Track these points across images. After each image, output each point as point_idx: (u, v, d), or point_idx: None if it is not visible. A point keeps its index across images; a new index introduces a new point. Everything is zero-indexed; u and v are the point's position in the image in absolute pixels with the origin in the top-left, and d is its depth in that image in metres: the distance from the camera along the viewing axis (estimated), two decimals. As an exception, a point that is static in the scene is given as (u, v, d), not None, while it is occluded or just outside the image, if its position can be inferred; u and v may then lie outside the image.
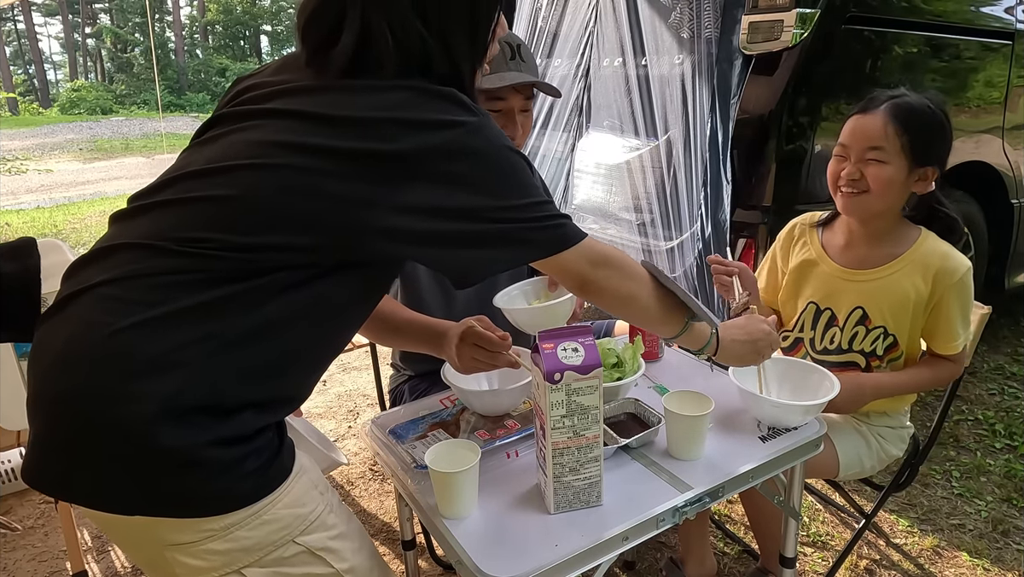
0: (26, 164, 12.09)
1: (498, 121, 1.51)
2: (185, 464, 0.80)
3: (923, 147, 1.40)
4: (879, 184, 1.41)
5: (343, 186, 0.85)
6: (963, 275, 1.43)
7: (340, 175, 0.85)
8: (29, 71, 35.38)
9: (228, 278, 0.84)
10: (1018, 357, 3.09)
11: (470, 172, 0.88)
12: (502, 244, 0.91)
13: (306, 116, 0.87)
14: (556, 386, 0.98)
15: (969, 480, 2.25)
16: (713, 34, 2.42)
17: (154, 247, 0.85)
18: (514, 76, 1.46)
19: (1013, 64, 2.74)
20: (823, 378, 1.32)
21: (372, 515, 2.22)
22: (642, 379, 1.41)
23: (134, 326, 0.80)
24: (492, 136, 0.90)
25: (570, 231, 0.96)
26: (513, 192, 0.91)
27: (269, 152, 0.86)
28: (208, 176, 0.88)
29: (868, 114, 1.42)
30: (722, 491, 1.11)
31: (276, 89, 0.92)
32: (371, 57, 0.89)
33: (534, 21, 3.30)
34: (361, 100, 0.88)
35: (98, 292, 0.83)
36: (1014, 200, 2.88)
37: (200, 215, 0.86)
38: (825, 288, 1.55)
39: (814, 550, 1.96)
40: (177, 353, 0.80)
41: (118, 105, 24.99)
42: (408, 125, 0.86)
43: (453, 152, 0.87)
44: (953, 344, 1.48)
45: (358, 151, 0.85)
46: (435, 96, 0.88)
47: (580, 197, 3.10)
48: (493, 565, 0.93)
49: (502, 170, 0.90)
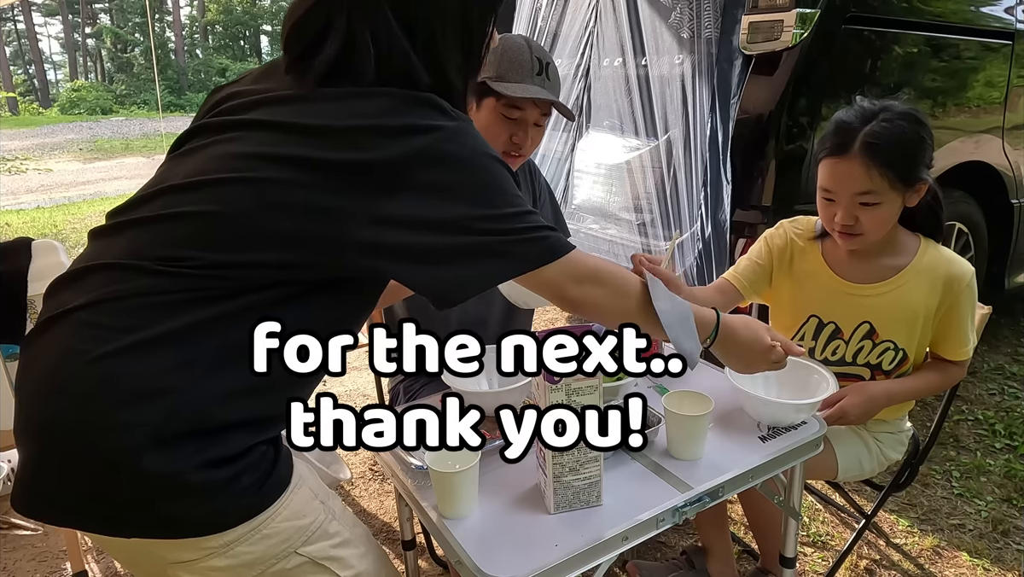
0: (26, 164, 12.09)
1: (511, 129, 1.52)
2: (177, 488, 0.79)
3: (910, 170, 1.35)
4: (876, 224, 1.38)
5: (321, 199, 0.83)
6: (970, 279, 1.42)
7: (318, 187, 0.83)
8: (29, 71, 35.40)
9: (208, 298, 0.82)
10: (1018, 357, 3.09)
11: (446, 179, 0.85)
12: (482, 256, 0.87)
13: (284, 127, 0.86)
14: (556, 386, 0.98)
15: (969, 480, 2.25)
16: (713, 34, 2.42)
17: (131, 267, 0.83)
18: (536, 91, 1.47)
19: (1013, 64, 2.74)
20: (822, 379, 1.32)
21: (372, 515, 2.22)
22: (642, 379, 1.41)
23: (113, 354, 0.78)
24: (471, 142, 0.88)
25: (556, 243, 0.92)
26: (492, 200, 0.87)
27: (248, 165, 0.85)
28: (187, 191, 0.86)
29: (845, 158, 1.34)
30: (722, 491, 1.11)
31: (256, 99, 0.91)
32: (352, 67, 0.87)
33: (534, 21, 3.30)
34: (339, 109, 0.86)
35: (76, 317, 0.81)
36: (1014, 200, 2.88)
37: (178, 232, 0.84)
38: (829, 301, 1.50)
39: (814, 550, 1.96)
40: (159, 380, 0.79)
41: (118, 105, 24.98)
42: (383, 132, 0.84)
43: (429, 158, 0.84)
44: (964, 349, 1.47)
45: (334, 162, 0.83)
46: (412, 102, 0.86)
47: (580, 197, 3.10)
48: (493, 565, 0.93)
49: (480, 177, 0.87)
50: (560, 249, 0.92)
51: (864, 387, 1.45)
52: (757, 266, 1.56)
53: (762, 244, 1.58)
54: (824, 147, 1.39)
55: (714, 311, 1.09)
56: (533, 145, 1.60)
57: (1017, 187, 2.87)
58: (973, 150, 2.70)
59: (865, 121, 1.34)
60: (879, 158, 1.31)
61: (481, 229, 0.86)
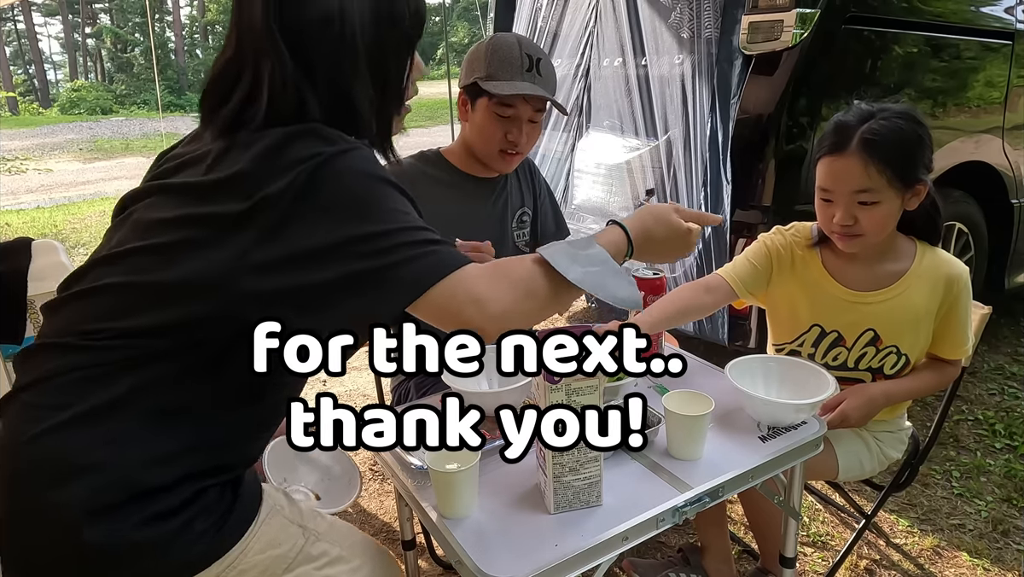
0: (26, 164, 12.09)
1: (505, 127, 1.54)
2: (127, 553, 0.79)
3: (909, 170, 1.34)
4: (875, 225, 1.36)
5: (212, 255, 0.83)
6: (967, 278, 1.43)
7: (209, 244, 0.83)
8: (29, 71, 35.39)
9: (127, 368, 0.82)
10: (1018, 357, 3.09)
11: (321, 206, 0.82)
12: (376, 281, 0.83)
13: (187, 188, 0.87)
14: (556, 386, 0.97)
15: (969, 480, 2.25)
16: (713, 34, 2.42)
17: (60, 345, 0.85)
18: (525, 87, 1.49)
19: (1013, 64, 2.74)
20: (822, 380, 1.31)
21: (372, 515, 2.22)
22: (642, 379, 1.41)
23: (47, 432, 0.80)
24: (352, 164, 0.85)
25: (444, 258, 0.86)
26: (373, 219, 0.83)
27: (154, 231, 0.86)
28: (110, 263, 0.88)
29: (842, 156, 1.33)
30: (722, 491, 1.11)
31: (179, 162, 0.93)
32: (249, 113, 0.88)
33: (534, 21, 3.31)
34: (232, 158, 0.86)
35: (21, 398, 0.84)
36: (1014, 200, 2.87)
37: (99, 306, 0.85)
38: (832, 311, 1.48)
39: (814, 550, 1.96)
40: (88, 455, 0.79)
41: (118, 105, 24.98)
42: (263, 174, 0.83)
43: (304, 190, 0.82)
44: (963, 348, 1.47)
45: (219, 216, 0.83)
46: (293, 136, 0.85)
47: (580, 197, 3.10)
48: (493, 565, 0.93)
49: (358, 198, 0.84)
50: (454, 263, 0.86)
51: (863, 389, 1.44)
52: (754, 267, 1.54)
53: (760, 246, 1.56)
54: (822, 147, 1.39)
55: (616, 225, 1.04)
56: (530, 142, 1.61)
57: (1017, 187, 2.87)
58: (973, 150, 2.70)
59: (863, 120, 1.34)
60: (877, 154, 1.31)
61: (360, 252, 0.82)
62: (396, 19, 0.95)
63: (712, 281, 1.54)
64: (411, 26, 0.98)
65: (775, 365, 1.38)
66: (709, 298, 1.52)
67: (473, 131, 1.61)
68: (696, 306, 1.50)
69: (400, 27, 0.96)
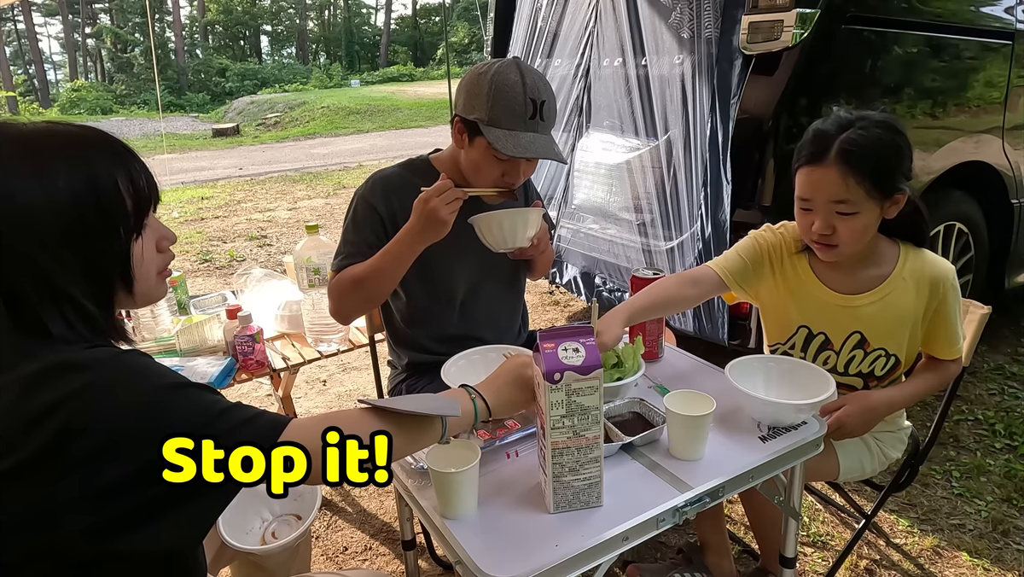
0: (26, 164, 12.07)
1: (503, 168, 1.49)
2: None
3: (888, 180, 1.32)
4: (852, 235, 1.35)
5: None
6: (953, 277, 1.43)
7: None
8: (29, 71, 35.37)
9: None
10: (1018, 357, 3.09)
11: (99, 444, 0.73)
12: (181, 497, 0.76)
13: None
14: (556, 386, 0.98)
15: (969, 480, 2.25)
16: (713, 34, 2.42)
17: None
18: (528, 144, 1.44)
19: (1013, 64, 2.74)
20: (822, 381, 1.31)
21: (372, 515, 2.22)
22: (642, 379, 1.41)
23: None
24: (119, 384, 0.77)
25: (268, 424, 0.82)
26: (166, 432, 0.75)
27: None
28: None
29: (820, 166, 1.32)
30: (722, 491, 1.11)
31: None
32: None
33: (534, 21, 3.31)
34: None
35: None
36: (1014, 200, 2.88)
37: None
38: (818, 313, 1.48)
39: (814, 550, 1.96)
40: None
41: (118, 105, 24.95)
42: (19, 427, 0.73)
43: (74, 431, 0.73)
44: (956, 347, 1.47)
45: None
46: (38, 376, 0.76)
47: (580, 197, 3.10)
48: (493, 565, 0.93)
49: (144, 417, 0.76)
50: (274, 427, 0.82)
51: (863, 397, 1.42)
52: (744, 262, 1.52)
53: (751, 242, 1.55)
54: (800, 156, 1.37)
55: (466, 397, 1.05)
56: (526, 177, 1.57)
57: (1017, 187, 2.87)
58: (973, 150, 2.70)
59: (842, 129, 1.32)
60: (855, 166, 1.29)
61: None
62: None
63: (700, 273, 1.53)
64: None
65: (775, 365, 1.38)
66: (695, 290, 1.50)
67: (468, 164, 1.54)
68: (681, 297, 1.49)
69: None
